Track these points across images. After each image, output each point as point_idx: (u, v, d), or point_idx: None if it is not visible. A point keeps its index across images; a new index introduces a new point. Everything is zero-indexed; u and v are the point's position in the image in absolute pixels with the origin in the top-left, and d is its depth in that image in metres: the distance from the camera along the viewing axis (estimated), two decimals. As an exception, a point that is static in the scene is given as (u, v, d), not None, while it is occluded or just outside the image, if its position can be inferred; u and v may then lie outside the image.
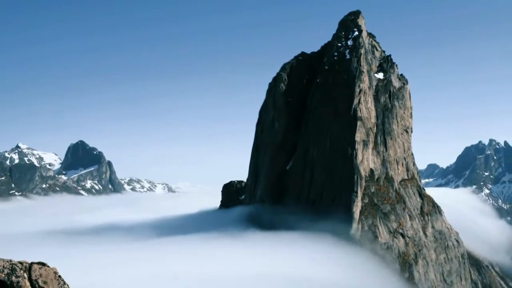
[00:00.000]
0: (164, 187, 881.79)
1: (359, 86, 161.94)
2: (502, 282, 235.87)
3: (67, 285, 17.98)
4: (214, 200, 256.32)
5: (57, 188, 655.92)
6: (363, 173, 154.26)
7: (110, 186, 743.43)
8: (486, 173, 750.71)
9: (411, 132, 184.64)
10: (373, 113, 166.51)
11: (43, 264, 17.80)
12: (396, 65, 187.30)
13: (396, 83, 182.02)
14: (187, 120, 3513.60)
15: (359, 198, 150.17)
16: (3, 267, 16.60)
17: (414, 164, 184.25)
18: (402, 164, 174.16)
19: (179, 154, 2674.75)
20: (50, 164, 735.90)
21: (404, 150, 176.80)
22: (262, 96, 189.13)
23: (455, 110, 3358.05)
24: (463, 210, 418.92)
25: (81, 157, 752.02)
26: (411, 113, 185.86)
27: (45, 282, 17.22)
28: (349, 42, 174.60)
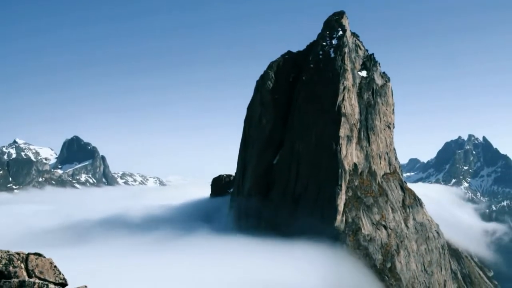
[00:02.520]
0: (155, 180, 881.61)
1: (343, 83, 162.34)
2: (480, 272, 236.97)
3: (63, 275, 17.90)
4: (204, 193, 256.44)
5: (53, 182, 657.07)
6: (347, 167, 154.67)
7: (104, 179, 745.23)
8: (465, 167, 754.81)
9: (393, 127, 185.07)
10: (357, 110, 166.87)
11: (39, 254, 17.71)
12: (379, 64, 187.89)
13: (378, 81, 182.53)
14: (178, 116, 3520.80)
15: (343, 191, 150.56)
16: (1, 257, 16.64)
17: (396, 158, 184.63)
18: (385, 159, 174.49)
19: (170, 148, 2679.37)
20: (46, 159, 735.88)
21: (387, 145, 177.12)
22: (251, 91, 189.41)
23: (436, 107, 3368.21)
24: (443, 203, 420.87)
25: (76, 151, 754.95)
26: (393, 110, 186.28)
27: (41, 272, 17.20)
28: (334, 42, 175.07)
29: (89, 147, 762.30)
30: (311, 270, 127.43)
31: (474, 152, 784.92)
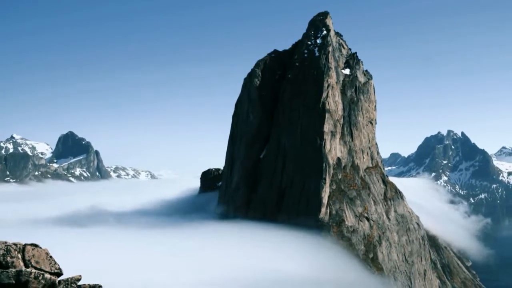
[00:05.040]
0: (147, 174, 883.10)
1: (327, 81, 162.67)
2: (459, 262, 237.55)
3: (58, 265, 18.05)
4: (194, 186, 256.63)
5: (49, 176, 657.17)
6: (331, 162, 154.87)
7: (97, 173, 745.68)
8: (445, 162, 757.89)
9: (375, 123, 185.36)
10: (340, 106, 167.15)
11: (35, 245, 17.86)
12: (362, 62, 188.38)
13: (361, 78, 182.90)
14: (170, 111, 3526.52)
15: (327, 184, 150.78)
16: (-1, 248, 16.63)
17: (378, 153, 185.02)
18: (367, 153, 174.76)
19: (161, 143, 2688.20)
20: (42, 153, 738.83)
21: (369, 140, 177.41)
22: (240, 88, 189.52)
23: (416, 103, 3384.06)
24: (424, 195, 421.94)
25: (71, 146, 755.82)
26: (375, 106, 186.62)
27: (37, 262, 17.36)
28: (318, 41, 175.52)
29: (83, 142, 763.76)
30: (297, 256, 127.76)
31: (453, 147, 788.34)
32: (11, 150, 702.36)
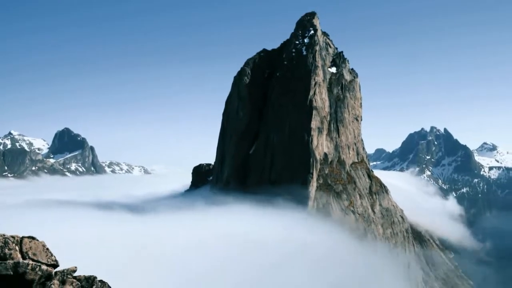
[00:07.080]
0: (140, 169, 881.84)
1: (314, 79, 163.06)
2: (442, 254, 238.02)
3: (54, 257, 18.14)
4: (186, 181, 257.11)
5: (45, 170, 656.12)
6: (318, 157, 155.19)
7: (92, 168, 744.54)
8: (428, 157, 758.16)
9: (361, 120, 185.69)
10: (327, 103, 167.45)
11: (32, 238, 17.99)
12: (348, 61, 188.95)
13: (347, 77, 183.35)
14: (163, 108, 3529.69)
15: (315, 179, 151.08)
16: (-3, 241, 16.93)
17: (363, 148, 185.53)
18: (353, 149, 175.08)
19: (154, 139, 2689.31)
20: (39, 149, 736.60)
21: (355, 136, 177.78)
22: (230, 86, 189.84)
23: (401, 100, 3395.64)
24: (408, 190, 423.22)
25: (67, 142, 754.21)
26: (361, 103, 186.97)
27: (34, 254, 17.51)
28: (306, 40, 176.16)
29: (79, 138, 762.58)
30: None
31: (436, 143, 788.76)
32: (9, 146, 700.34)
